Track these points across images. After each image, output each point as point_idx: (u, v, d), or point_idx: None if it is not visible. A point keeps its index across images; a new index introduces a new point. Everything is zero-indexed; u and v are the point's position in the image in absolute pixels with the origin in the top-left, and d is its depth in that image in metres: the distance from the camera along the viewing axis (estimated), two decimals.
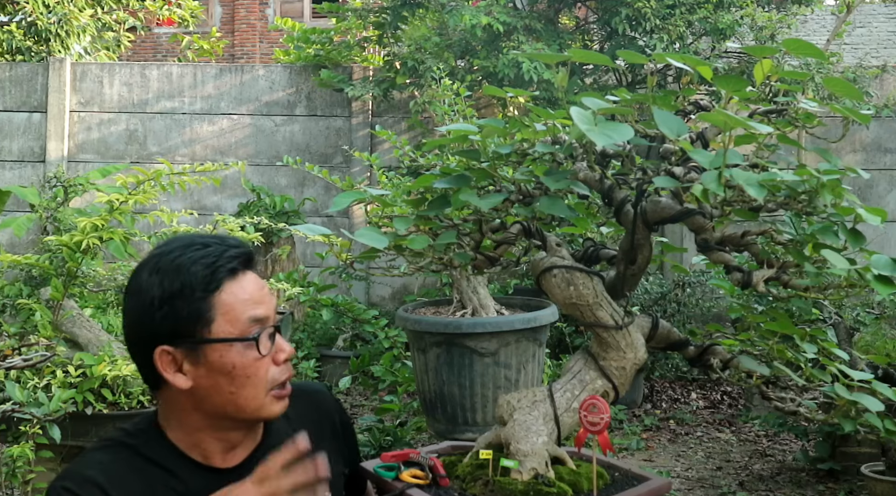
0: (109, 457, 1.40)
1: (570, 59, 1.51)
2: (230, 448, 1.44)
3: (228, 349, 1.35)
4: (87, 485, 1.34)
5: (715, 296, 6.31)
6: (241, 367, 1.36)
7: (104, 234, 3.75)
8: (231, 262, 1.38)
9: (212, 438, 1.43)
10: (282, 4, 14.85)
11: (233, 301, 1.36)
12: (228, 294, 1.36)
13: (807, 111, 1.50)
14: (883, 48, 12.29)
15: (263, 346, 1.37)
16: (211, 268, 1.37)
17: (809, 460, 4.67)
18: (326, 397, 1.66)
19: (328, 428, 1.61)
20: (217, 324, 1.36)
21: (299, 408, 1.58)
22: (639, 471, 1.59)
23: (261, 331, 1.37)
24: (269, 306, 1.40)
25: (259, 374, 1.37)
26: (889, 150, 7.51)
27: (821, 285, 1.41)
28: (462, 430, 3.90)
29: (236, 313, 1.36)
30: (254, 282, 1.40)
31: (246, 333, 1.36)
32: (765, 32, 6.72)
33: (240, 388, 1.37)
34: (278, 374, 1.39)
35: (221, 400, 1.38)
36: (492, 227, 1.60)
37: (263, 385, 1.38)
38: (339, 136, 7.96)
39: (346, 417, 1.67)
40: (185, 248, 1.39)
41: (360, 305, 6.27)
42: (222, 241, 1.42)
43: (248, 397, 1.38)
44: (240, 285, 1.38)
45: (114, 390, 3.54)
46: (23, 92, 8.09)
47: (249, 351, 1.36)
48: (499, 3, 6.96)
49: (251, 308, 1.37)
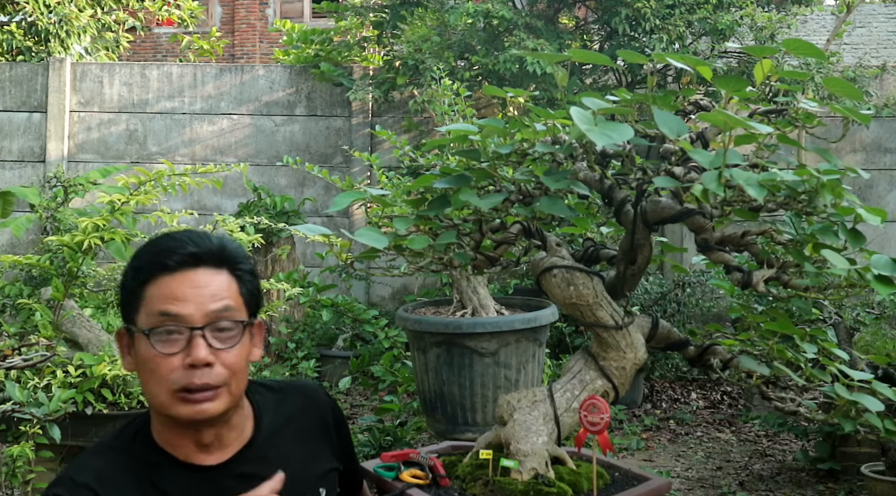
0: (101, 462, 1.42)
1: (570, 58, 1.51)
2: (203, 446, 1.44)
3: (141, 339, 1.38)
4: (80, 489, 1.36)
5: (715, 296, 6.31)
6: (145, 360, 1.37)
7: (105, 235, 3.75)
8: (172, 258, 1.38)
9: (178, 436, 1.43)
10: (282, 4, 14.85)
11: (154, 294, 1.37)
12: (155, 287, 1.38)
13: (807, 111, 1.50)
14: (883, 48, 12.28)
15: (158, 343, 1.36)
16: (150, 259, 1.40)
17: (809, 460, 4.67)
18: (319, 394, 1.66)
19: (321, 425, 1.61)
20: (140, 314, 1.38)
21: (291, 405, 1.59)
22: (639, 471, 1.59)
23: (167, 328, 1.36)
24: (193, 307, 1.37)
25: (160, 371, 1.36)
26: (889, 150, 7.51)
27: (821, 285, 1.41)
28: (462, 430, 3.90)
29: (152, 306, 1.37)
30: (189, 280, 1.38)
31: (153, 326, 1.36)
32: (764, 32, 6.72)
33: (146, 383, 1.39)
34: (180, 377, 1.35)
35: (145, 391, 1.41)
36: (492, 227, 1.60)
37: (165, 383, 1.36)
38: (339, 136, 7.96)
39: (339, 414, 1.67)
40: (155, 239, 1.44)
41: (360, 305, 6.27)
42: (190, 237, 1.41)
43: (152, 393, 1.39)
44: (170, 281, 1.38)
45: (114, 390, 3.54)
46: (23, 92, 8.09)
47: (154, 346, 1.36)
48: (497, 1, 6.95)
49: (167, 303, 1.36)
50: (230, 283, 1.42)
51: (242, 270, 1.44)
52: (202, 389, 1.37)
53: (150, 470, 1.42)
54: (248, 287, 1.45)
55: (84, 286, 4.96)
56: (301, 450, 1.55)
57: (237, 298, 1.42)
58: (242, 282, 1.44)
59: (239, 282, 1.43)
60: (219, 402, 1.39)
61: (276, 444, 1.51)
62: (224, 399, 1.39)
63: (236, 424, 1.47)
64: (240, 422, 1.48)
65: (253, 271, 1.48)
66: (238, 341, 1.40)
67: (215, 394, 1.38)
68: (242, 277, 1.44)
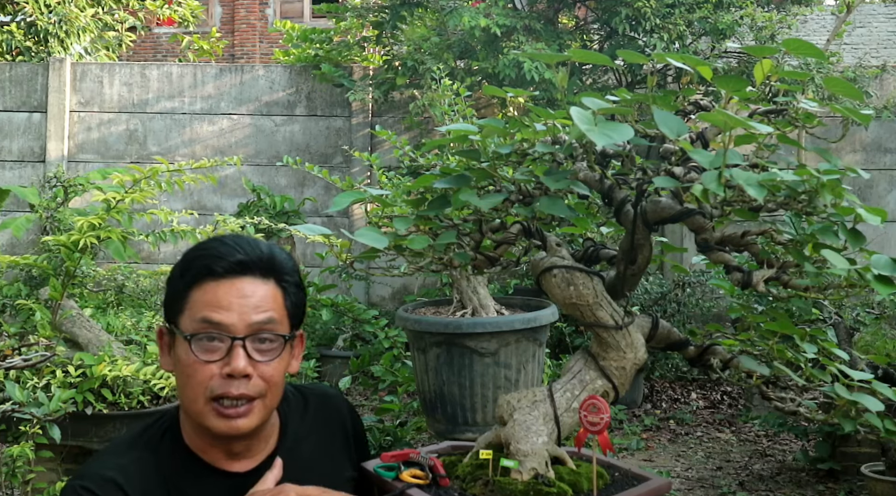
0: (127, 459, 1.40)
1: (569, 58, 1.51)
2: (233, 456, 1.43)
3: (181, 343, 1.37)
4: (107, 485, 1.34)
5: (715, 296, 6.31)
6: (184, 365, 1.36)
7: (102, 234, 3.74)
8: (220, 264, 1.37)
9: (207, 443, 1.42)
10: (282, 4, 14.85)
11: (199, 299, 1.37)
12: (200, 292, 1.37)
13: (807, 111, 1.50)
14: (883, 48, 12.28)
15: (198, 349, 1.35)
16: (199, 263, 1.38)
17: (809, 460, 4.67)
18: (340, 402, 1.66)
19: (340, 432, 1.61)
20: (183, 317, 1.38)
21: (313, 412, 1.58)
22: (639, 471, 1.59)
23: (209, 334, 1.35)
24: (237, 316, 1.35)
25: (198, 377, 1.35)
26: (889, 150, 7.51)
27: (821, 285, 1.40)
28: (462, 430, 3.90)
29: (196, 311, 1.36)
30: (236, 289, 1.37)
31: (195, 331, 1.35)
32: (764, 32, 6.72)
33: (183, 386, 1.38)
34: (217, 386, 1.34)
35: (180, 395, 1.40)
36: (492, 227, 1.59)
37: (202, 391, 1.35)
38: (339, 136, 7.95)
39: (358, 422, 1.67)
40: (205, 243, 1.43)
41: (360, 305, 6.27)
42: (239, 244, 1.40)
43: (189, 398, 1.37)
44: (217, 287, 1.37)
45: (114, 390, 3.54)
46: (23, 92, 8.09)
47: (194, 351, 1.35)
48: (498, 5, 6.96)
49: (210, 310, 1.35)
50: (276, 294, 1.41)
51: (289, 282, 1.43)
52: (238, 400, 1.35)
53: (178, 472, 1.41)
54: (293, 299, 1.44)
55: (84, 286, 4.96)
56: (323, 458, 1.55)
57: (281, 310, 1.41)
58: (288, 294, 1.43)
59: (284, 294, 1.42)
60: (253, 417, 1.37)
61: (300, 452, 1.51)
62: (258, 413, 1.38)
63: (264, 435, 1.47)
64: (268, 432, 1.48)
65: (299, 283, 1.46)
66: (278, 355, 1.39)
67: (249, 408, 1.36)
68: (288, 289, 1.43)
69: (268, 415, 1.42)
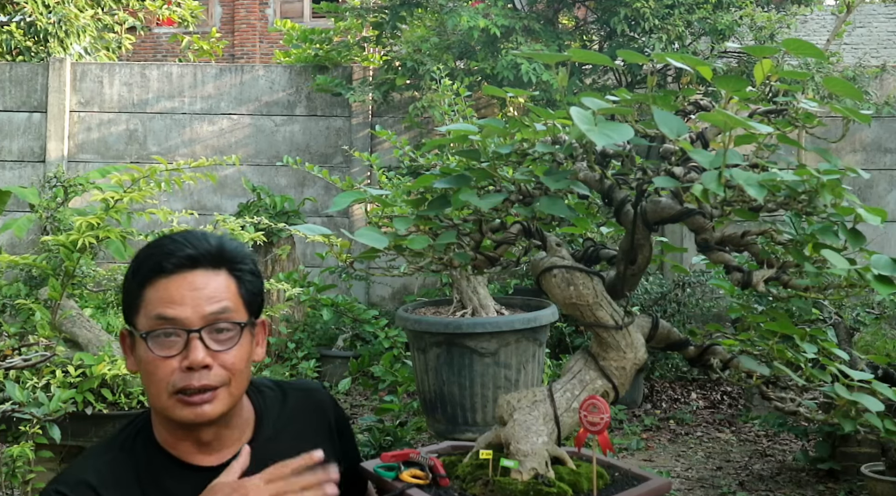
0: (102, 461, 1.42)
1: (569, 58, 1.51)
2: (203, 445, 1.44)
3: (140, 342, 1.38)
4: (80, 487, 1.36)
5: (715, 296, 6.31)
6: (145, 363, 1.38)
7: (100, 233, 3.74)
8: (170, 260, 1.38)
9: (178, 437, 1.44)
10: (282, 4, 14.85)
11: (152, 297, 1.38)
12: (152, 290, 1.38)
13: (807, 111, 1.50)
14: (883, 48, 12.28)
15: (155, 346, 1.36)
16: (150, 262, 1.39)
17: (809, 460, 4.67)
18: (322, 395, 1.66)
19: (323, 425, 1.61)
20: (139, 317, 1.39)
21: (292, 406, 1.58)
22: (639, 471, 1.59)
23: (164, 330, 1.36)
24: (190, 309, 1.36)
25: (158, 374, 1.36)
26: (889, 150, 7.51)
27: (821, 285, 1.40)
28: (462, 430, 3.90)
29: (150, 309, 1.37)
30: (187, 283, 1.38)
31: (151, 329, 1.37)
32: (764, 32, 6.72)
33: (147, 384, 1.40)
34: (178, 380, 1.35)
35: (147, 393, 1.42)
36: (492, 227, 1.59)
37: (164, 386, 1.36)
38: (339, 136, 7.95)
39: (342, 415, 1.67)
40: (154, 242, 1.44)
41: (360, 305, 6.27)
42: (187, 239, 1.41)
43: (152, 395, 1.39)
44: (168, 283, 1.38)
45: (114, 390, 3.54)
46: (23, 92, 8.09)
47: (152, 349, 1.36)
48: (497, 5, 6.96)
49: (164, 306, 1.36)
50: (228, 284, 1.41)
51: (242, 270, 1.43)
52: (201, 391, 1.36)
53: (151, 470, 1.42)
54: (249, 287, 1.44)
55: (84, 286, 4.96)
56: (302, 451, 1.54)
57: (236, 299, 1.41)
58: (242, 283, 1.43)
59: (238, 283, 1.43)
60: (218, 403, 1.38)
61: (278, 446, 1.50)
62: (223, 400, 1.39)
63: (236, 425, 1.47)
64: (240, 423, 1.48)
65: (254, 271, 1.46)
66: (237, 342, 1.40)
67: (214, 395, 1.38)
68: (242, 277, 1.43)
69: (234, 403, 1.42)
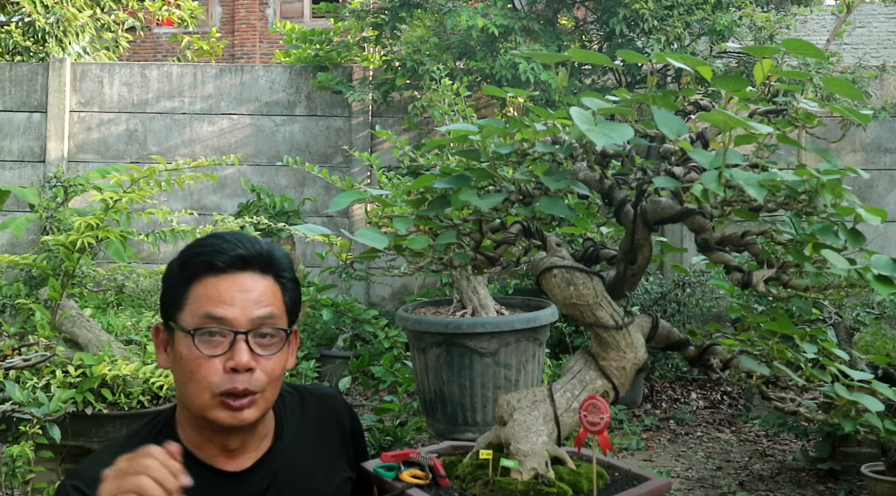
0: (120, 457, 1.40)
1: (570, 58, 1.51)
2: (228, 452, 1.44)
3: (183, 339, 1.37)
4: (97, 484, 1.34)
5: (715, 296, 6.31)
6: (186, 361, 1.36)
7: (100, 233, 3.74)
8: (221, 258, 1.37)
9: (206, 438, 1.43)
10: (282, 4, 14.85)
11: (200, 294, 1.37)
12: (201, 287, 1.37)
13: (807, 111, 1.50)
14: (883, 48, 12.29)
15: (202, 344, 1.35)
16: (200, 259, 1.38)
17: (809, 460, 4.67)
18: (337, 401, 1.66)
19: (337, 432, 1.61)
20: (183, 313, 1.37)
21: (310, 411, 1.59)
22: (639, 471, 1.59)
23: (211, 329, 1.35)
24: (239, 310, 1.36)
25: (201, 373, 1.35)
26: (889, 150, 7.51)
27: (821, 285, 1.40)
28: (462, 430, 3.90)
29: (197, 306, 1.36)
30: (237, 284, 1.37)
31: (198, 326, 1.35)
32: (764, 33, 6.71)
33: (186, 383, 1.38)
34: (221, 382, 1.35)
35: (181, 391, 1.40)
36: (492, 227, 1.59)
37: (206, 386, 1.35)
38: (339, 136, 7.96)
39: (356, 422, 1.67)
40: (204, 238, 1.43)
41: (360, 305, 6.27)
42: (239, 240, 1.41)
43: (192, 393, 1.37)
44: (218, 282, 1.37)
45: (114, 390, 3.54)
46: (23, 92, 8.09)
47: (198, 346, 1.35)
48: (496, 5, 6.96)
49: (212, 305, 1.35)
50: (275, 290, 1.41)
51: (286, 278, 1.44)
52: (243, 395, 1.36)
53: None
54: (291, 295, 1.45)
55: (84, 286, 4.96)
56: (319, 458, 1.55)
57: (280, 306, 1.42)
58: (286, 290, 1.44)
59: (283, 290, 1.43)
60: (255, 409, 1.38)
61: (295, 452, 1.51)
62: (260, 406, 1.39)
63: (260, 432, 1.47)
64: (263, 429, 1.48)
65: (296, 279, 1.47)
66: (279, 349, 1.40)
67: (252, 400, 1.37)
68: (286, 285, 1.44)
69: (267, 409, 1.42)
